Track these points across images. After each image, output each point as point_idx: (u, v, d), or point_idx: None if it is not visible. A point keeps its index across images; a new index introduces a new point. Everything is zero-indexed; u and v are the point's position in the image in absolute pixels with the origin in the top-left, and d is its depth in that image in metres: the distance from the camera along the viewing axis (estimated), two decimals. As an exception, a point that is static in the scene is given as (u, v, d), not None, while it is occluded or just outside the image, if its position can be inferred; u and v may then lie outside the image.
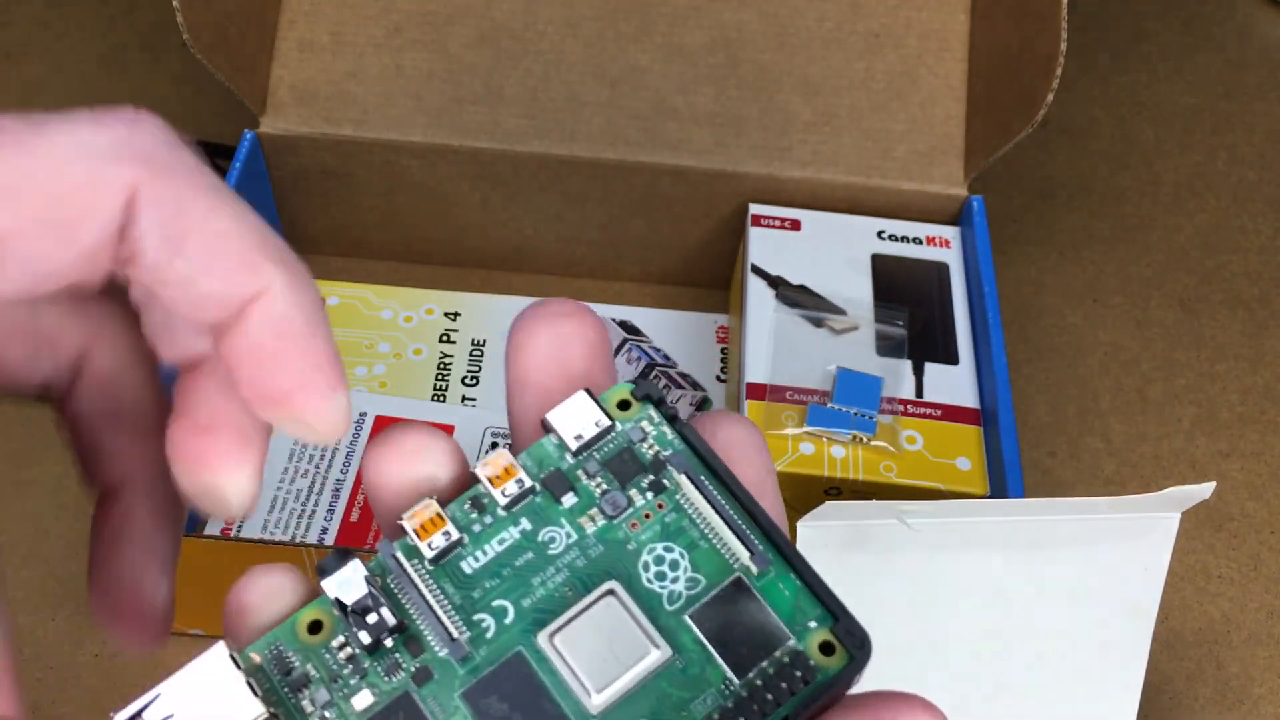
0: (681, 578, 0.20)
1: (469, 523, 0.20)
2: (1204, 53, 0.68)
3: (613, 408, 0.21)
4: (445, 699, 0.19)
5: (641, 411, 0.21)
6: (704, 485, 0.20)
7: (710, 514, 0.20)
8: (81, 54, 0.64)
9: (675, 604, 0.20)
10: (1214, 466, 0.52)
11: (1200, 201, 0.61)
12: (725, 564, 0.20)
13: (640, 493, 0.20)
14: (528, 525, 0.20)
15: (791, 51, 0.51)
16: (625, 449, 0.21)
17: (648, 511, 0.20)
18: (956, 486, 0.43)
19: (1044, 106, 0.46)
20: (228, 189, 0.20)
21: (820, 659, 0.19)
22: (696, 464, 0.20)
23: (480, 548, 0.20)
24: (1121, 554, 0.36)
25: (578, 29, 0.52)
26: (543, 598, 0.20)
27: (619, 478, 0.20)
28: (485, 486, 0.20)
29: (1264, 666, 0.46)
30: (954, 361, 0.46)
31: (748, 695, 0.19)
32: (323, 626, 0.19)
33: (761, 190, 0.51)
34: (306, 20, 0.52)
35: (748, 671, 0.19)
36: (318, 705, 0.19)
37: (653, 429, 0.21)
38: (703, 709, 0.19)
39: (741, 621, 0.19)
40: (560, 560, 0.20)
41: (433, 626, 0.19)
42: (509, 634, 0.19)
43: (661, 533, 0.20)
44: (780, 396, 0.44)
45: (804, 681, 0.19)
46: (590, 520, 0.20)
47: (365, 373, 0.51)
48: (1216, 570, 0.49)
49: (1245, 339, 0.56)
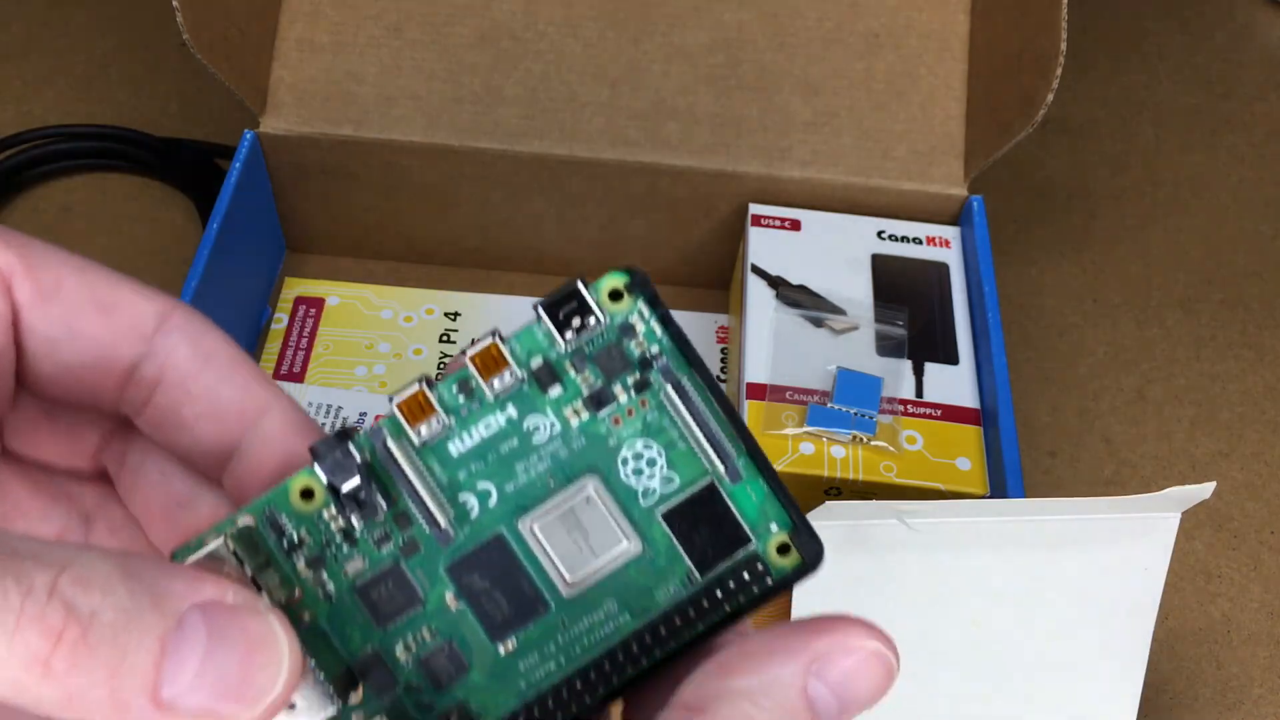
0: (657, 475, 0.21)
1: (456, 406, 0.21)
2: (1204, 53, 0.68)
3: (604, 298, 0.21)
4: (430, 571, 0.20)
5: (633, 305, 0.21)
6: (687, 391, 0.20)
7: (689, 420, 0.20)
8: (81, 54, 0.64)
9: (649, 500, 0.21)
10: (1214, 466, 0.52)
11: (1200, 201, 0.61)
12: (700, 466, 0.21)
13: (625, 389, 0.21)
14: (513, 413, 0.21)
15: (791, 51, 0.51)
16: (614, 344, 0.21)
17: (630, 408, 0.21)
18: (956, 487, 0.43)
19: (1044, 106, 0.46)
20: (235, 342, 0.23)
21: (775, 559, 0.21)
22: (682, 365, 0.21)
23: (466, 430, 0.21)
24: (1121, 554, 0.36)
25: (578, 29, 0.52)
26: (525, 484, 0.21)
27: (605, 373, 0.21)
28: (474, 374, 0.20)
29: (1264, 667, 0.46)
30: (954, 361, 0.46)
31: (706, 588, 0.20)
32: (314, 494, 0.20)
33: (761, 190, 0.51)
34: (307, 20, 0.52)
35: (709, 568, 0.20)
36: (314, 568, 0.20)
37: (643, 325, 0.21)
38: (665, 597, 0.20)
39: (708, 522, 0.21)
40: (544, 450, 0.21)
41: (419, 505, 0.20)
42: (491, 516, 0.21)
43: (642, 430, 0.21)
44: (780, 396, 0.44)
45: (759, 579, 0.20)
46: (575, 414, 0.21)
47: (365, 373, 0.51)
48: (1216, 570, 0.49)
49: (1245, 339, 0.56)
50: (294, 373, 0.51)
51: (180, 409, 0.22)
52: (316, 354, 0.51)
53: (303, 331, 0.52)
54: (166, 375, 0.22)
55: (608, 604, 0.21)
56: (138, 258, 0.56)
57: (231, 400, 0.22)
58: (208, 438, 0.22)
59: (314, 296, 0.53)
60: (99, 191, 0.59)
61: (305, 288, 0.54)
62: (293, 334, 0.52)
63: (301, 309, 0.53)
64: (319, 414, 0.49)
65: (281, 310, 0.53)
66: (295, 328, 0.52)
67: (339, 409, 0.49)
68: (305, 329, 0.52)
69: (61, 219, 0.57)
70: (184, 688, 0.17)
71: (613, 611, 0.21)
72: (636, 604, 0.21)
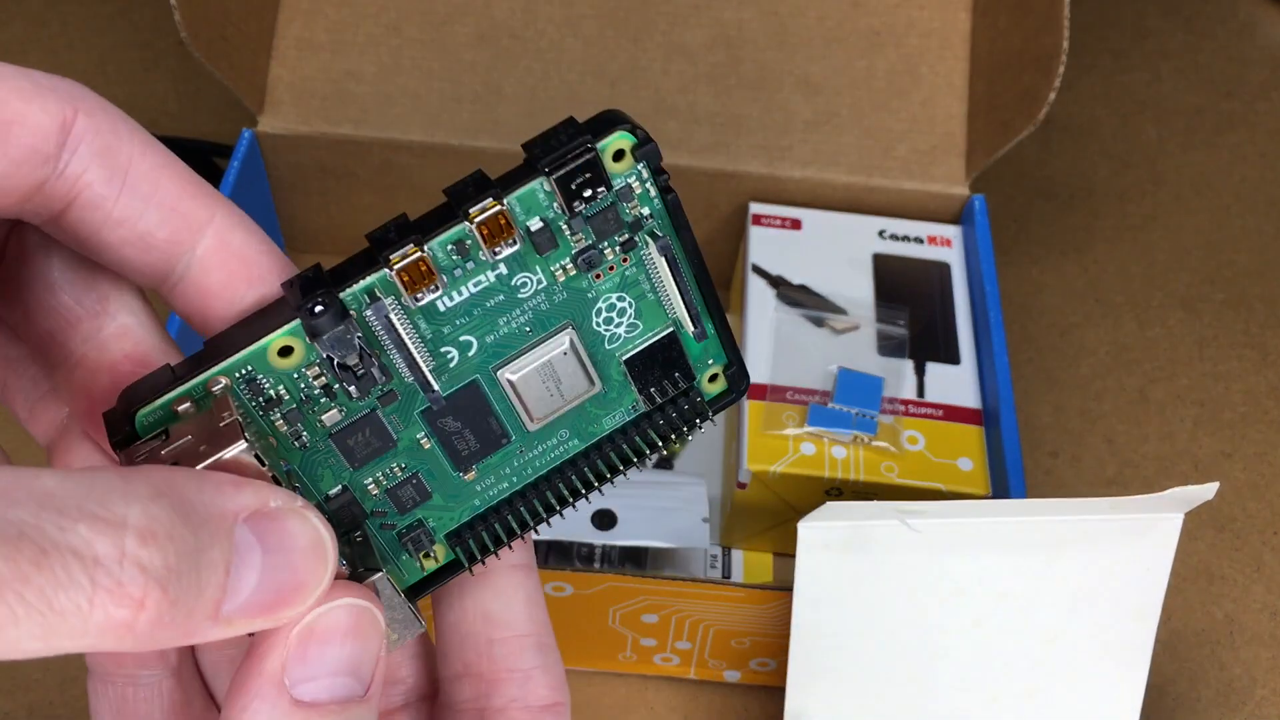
0: (625, 323, 0.22)
1: (450, 266, 0.21)
2: (1206, 52, 0.68)
3: (608, 158, 0.21)
4: (406, 416, 0.22)
5: (633, 167, 0.21)
6: (670, 252, 0.22)
7: (666, 276, 0.22)
8: (80, 53, 0.64)
9: (614, 345, 0.22)
10: (1217, 467, 0.51)
11: (1203, 200, 0.61)
12: (664, 316, 0.22)
13: (612, 248, 0.21)
14: (504, 270, 0.21)
15: (792, 50, 0.51)
16: (610, 206, 0.21)
17: (613, 265, 0.22)
18: (958, 487, 0.42)
19: (1046, 105, 0.46)
20: (155, 140, 0.20)
21: (706, 386, 0.23)
22: (669, 228, 0.22)
23: (457, 289, 0.21)
24: (1124, 555, 0.36)
25: (578, 28, 0.51)
26: (504, 335, 0.22)
27: (598, 234, 0.21)
28: (476, 238, 0.21)
29: (1267, 667, 0.46)
30: (955, 361, 0.46)
31: (648, 413, 0.23)
32: (293, 351, 0.20)
33: (762, 189, 0.51)
34: (305, 19, 0.51)
35: (652, 397, 0.23)
36: (290, 422, 0.21)
37: (640, 188, 0.21)
38: (611, 423, 0.23)
39: (661, 363, 0.23)
40: (527, 304, 0.21)
41: (405, 360, 0.21)
42: (469, 364, 0.22)
43: (619, 284, 0.22)
44: (781, 396, 0.44)
45: (691, 403, 0.23)
46: (563, 271, 0.21)
47: (364, 373, 0.51)
48: (1219, 571, 0.48)
49: (1248, 339, 0.56)
50: (292, 373, 0.50)
51: (99, 233, 0.20)
52: (315, 354, 0.51)
53: (301, 331, 0.52)
54: (79, 197, 0.20)
55: (561, 432, 0.23)
56: (136, 257, 0.56)
57: (158, 225, 0.20)
58: (136, 263, 0.21)
59: (313, 296, 0.53)
60: (97, 191, 0.59)
61: (304, 287, 0.53)
62: (291, 334, 0.52)
63: (300, 309, 0.53)
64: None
65: (280, 310, 0.53)
66: (294, 327, 0.52)
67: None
68: (304, 329, 0.52)
69: (59, 218, 0.57)
70: (242, 601, 0.18)
71: (564, 438, 0.23)
72: (585, 430, 0.23)
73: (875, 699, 0.38)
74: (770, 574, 0.47)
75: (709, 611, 0.41)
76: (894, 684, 0.38)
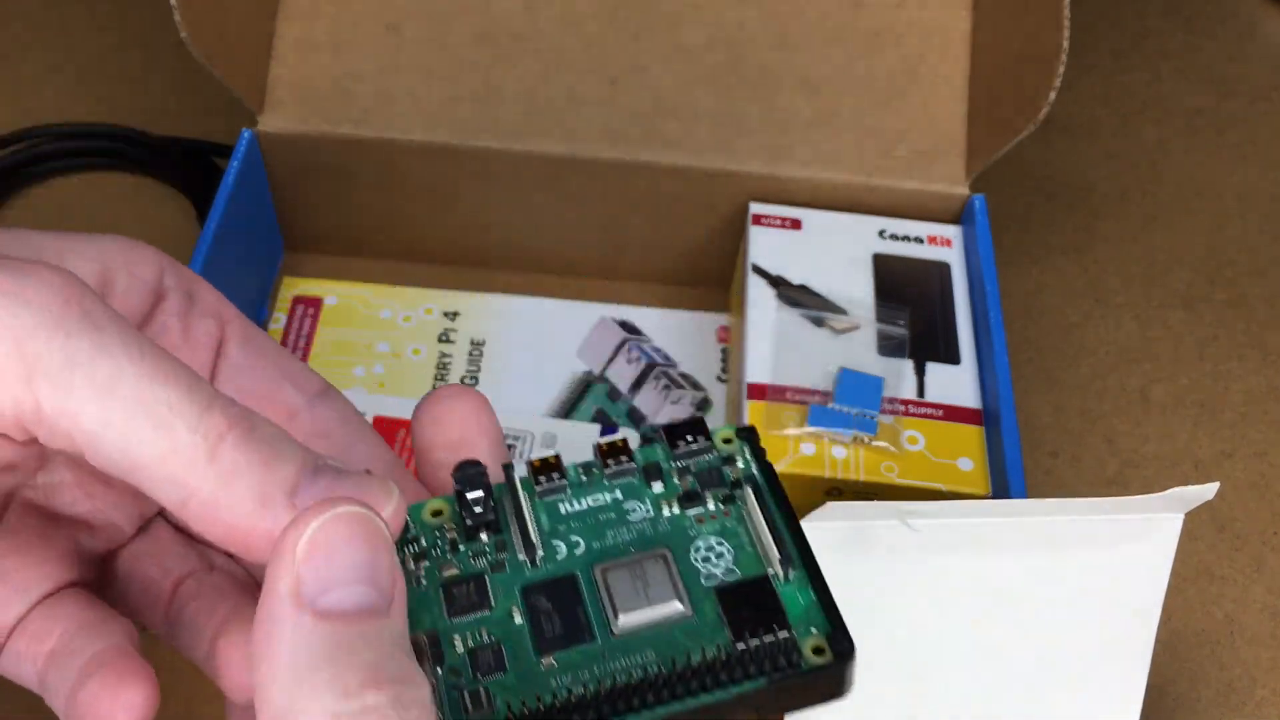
0: (722, 566, 0.24)
1: (577, 479, 0.26)
2: (1206, 52, 0.68)
3: (718, 441, 0.26)
4: (508, 588, 0.24)
5: (739, 446, 0.26)
6: (769, 509, 0.24)
7: (762, 528, 0.24)
8: (80, 54, 0.64)
9: (709, 582, 0.24)
10: (1217, 467, 0.51)
11: (1203, 201, 0.61)
12: (760, 567, 0.24)
13: (714, 499, 0.25)
14: (619, 494, 0.25)
15: (792, 50, 0.51)
16: (715, 467, 0.26)
17: (714, 514, 0.25)
18: (958, 487, 0.42)
19: (1046, 105, 0.46)
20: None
21: (810, 656, 0.23)
22: (767, 491, 0.25)
23: (578, 498, 0.25)
24: (1124, 555, 0.36)
25: (578, 27, 0.51)
26: (609, 545, 0.25)
27: (702, 484, 0.25)
28: (597, 459, 0.26)
29: (1267, 668, 0.46)
30: (956, 361, 0.46)
31: (738, 658, 0.22)
32: (442, 514, 0.25)
33: (762, 189, 0.51)
34: (305, 18, 0.51)
35: (746, 641, 0.23)
36: (414, 560, 0.24)
37: (742, 461, 0.26)
38: (698, 657, 0.23)
39: (755, 605, 0.23)
40: (634, 525, 0.25)
41: (522, 538, 0.24)
42: (572, 561, 0.24)
43: (719, 531, 0.25)
44: (781, 396, 0.44)
45: (789, 664, 0.22)
46: (667, 505, 0.25)
47: (364, 373, 0.51)
48: (1219, 571, 0.48)
49: (1248, 339, 0.56)
50: (292, 372, 0.50)
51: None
52: (315, 354, 0.51)
53: (301, 331, 0.52)
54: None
55: (646, 652, 0.23)
56: (136, 257, 0.56)
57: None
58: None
59: (312, 296, 0.53)
60: (97, 190, 0.59)
61: (304, 287, 0.53)
62: (291, 334, 0.52)
63: (300, 309, 0.53)
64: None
65: (280, 310, 0.53)
66: (294, 327, 0.52)
67: (337, 409, 0.49)
68: (304, 329, 0.52)
69: (59, 218, 0.57)
70: (314, 495, 0.21)
71: (650, 659, 0.23)
72: (671, 658, 0.23)
73: (875, 698, 0.38)
74: (770, 574, 0.47)
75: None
76: (893, 683, 0.38)
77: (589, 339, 0.53)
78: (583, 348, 0.52)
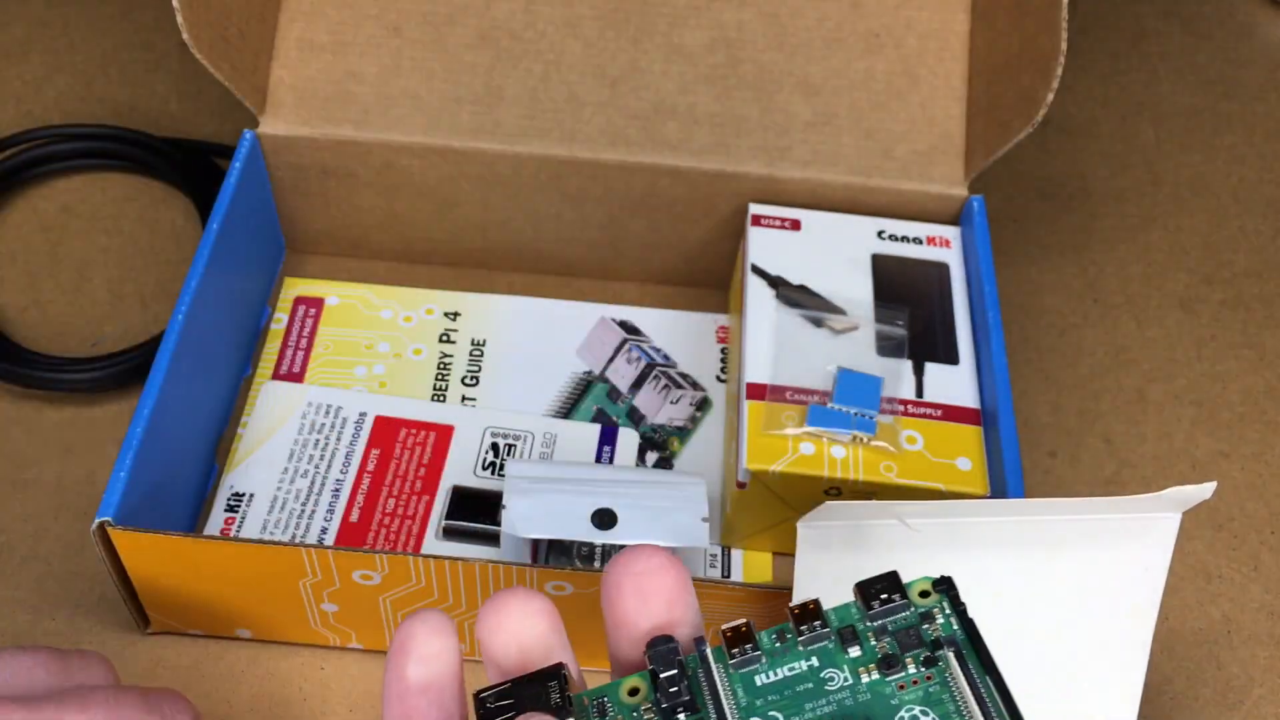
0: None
1: (771, 648, 0.25)
2: (1204, 53, 0.68)
3: (915, 595, 0.25)
4: None
5: (938, 600, 0.25)
6: (972, 674, 0.23)
7: (968, 694, 0.23)
8: (81, 54, 0.64)
9: None
10: (1214, 466, 0.52)
11: (1201, 201, 0.61)
12: None
13: (915, 662, 0.24)
14: (815, 661, 0.24)
15: (791, 51, 0.51)
16: (914, 626, 0.25)
17: (916, 679, 0.24)
18: (957, 487, 0.43)
19: (1044, 106, 0.46)
20: None
21: None
22: (971, 653, 0.24)
23: (774, 669, 0.24)
24: (1122, 554, 0.36)
25: (578, 29, 0.52)
26: (809, 719, 0.24)
27: (901, 646, 0.24)
28: (791, 624, 0.25)
29: (1264, 667, 0.46)
30: (954, 361, 0.46)
31: None
32: (639, 692, 0.25)
33: (761, 190, 0.51)
34: (306, 20, 0.52)
35: None
36: None
37: (942, 617, 0.25)
38: None
39: None
40: (832, 695, 0.24)
41: (717, 714, 0.24)
42: None
43: (923, 699, 0.24)
44: (780, 396, 0.44)
45: None
46: (867, 672, 0.24)
47: (365, 373, 0.51)
48: (1217, 571, 0.49)
49: (1245, 339, 0.56)
50: (293, 373, 0.51)
51: None
52: (316, 354, 0.51)
53: (302, 331, 0.52)
54: None
55: None
56: (137, 257, 0.56)
57: None
58: None
59: (313, 296, 0.53)
60: (98, 191, 0.59)
61: (305, 288, 0.54)
62: (292, 334, 0.52)
63: (301, 309, 0.53)
64: (318, 414, 0.49)
65: (281, 310, 0.53)
66: (295, 328, 0.52)
67: (339, 409, 0.49)
68: (305, 329, 0.52)
69: (61, 219, 0.57)
70: None
71: None
72: None
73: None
74: (770, 574, 0.47)
75: (708, 610, 0.41)
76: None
77: (589, 339, 0.53)
78: (583, 348, 0.53)
